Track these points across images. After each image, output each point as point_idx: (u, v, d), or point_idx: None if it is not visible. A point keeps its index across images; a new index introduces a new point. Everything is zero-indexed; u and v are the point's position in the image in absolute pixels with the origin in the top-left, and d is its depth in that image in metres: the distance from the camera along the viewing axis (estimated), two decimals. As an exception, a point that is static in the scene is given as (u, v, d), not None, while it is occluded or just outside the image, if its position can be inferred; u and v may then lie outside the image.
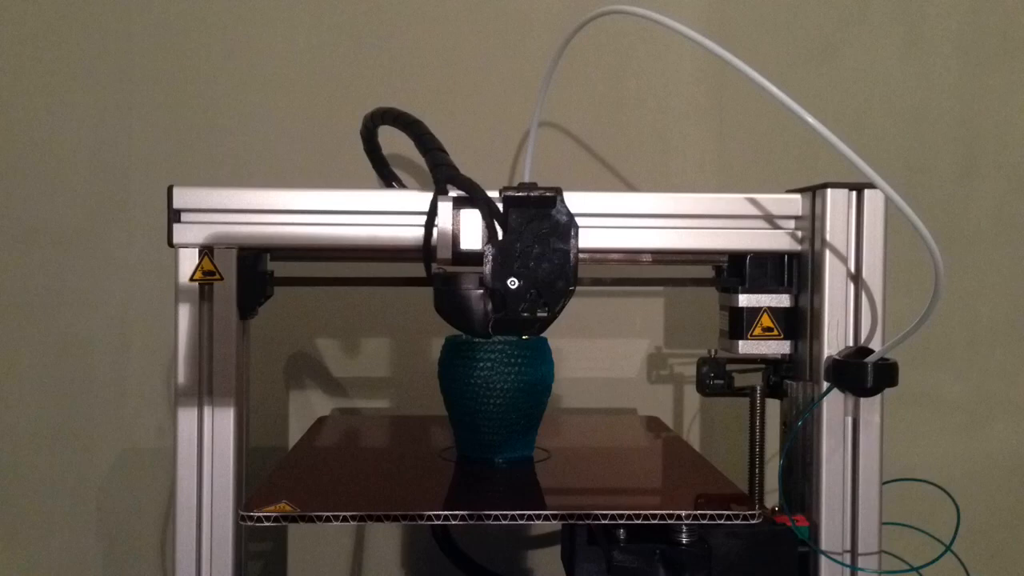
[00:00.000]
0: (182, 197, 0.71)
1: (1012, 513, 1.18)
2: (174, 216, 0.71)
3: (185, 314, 0.72)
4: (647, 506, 0.67)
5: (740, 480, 0.78)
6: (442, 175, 0.68)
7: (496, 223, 0.66)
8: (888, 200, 0.66)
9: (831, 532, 0.72)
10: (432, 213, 0.68)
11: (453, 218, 0.68)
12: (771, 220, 0.75)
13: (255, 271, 0.76)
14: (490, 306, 0.66)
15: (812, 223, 0.74)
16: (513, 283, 0.66)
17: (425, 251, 0.69)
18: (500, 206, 0.67)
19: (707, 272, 0.83)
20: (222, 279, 0.71)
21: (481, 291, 0.66)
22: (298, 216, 0.72)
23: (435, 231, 0.68)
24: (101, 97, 1.10)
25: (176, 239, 0.71)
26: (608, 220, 0.74)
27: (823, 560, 0.71)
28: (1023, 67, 1.16)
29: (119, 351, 1.11)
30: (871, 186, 0.71)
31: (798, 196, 0.75)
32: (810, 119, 0.64)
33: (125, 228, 1.11)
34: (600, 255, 0.78)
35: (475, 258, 0.67)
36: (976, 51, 1.16)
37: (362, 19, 1.12)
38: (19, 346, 1.11)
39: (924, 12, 1.16)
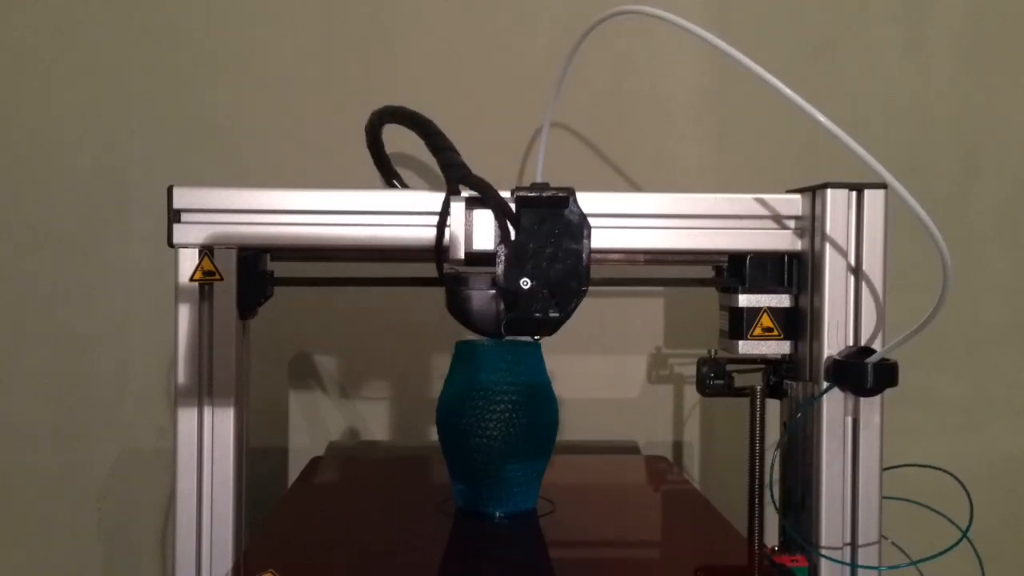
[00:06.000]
0: (182, 197, 0.71)
1: (1011, 513, 1.17)
2: (174, 216, 0.71)
3: (185, 314, 0.72)
4: None
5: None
6: (454, 175, 0.67)
7: (508, 223, 0.66)
8: (896, 200, 0.65)
9: (831, 531, 0.72)
10: (444, 213, 0.68)
11: (466, 218, 0.68)
12: (771, 220, 0.75)
13: (255, 271, 0.76)
14: (502, 306, 0.66)
15: (812, 223, 0.74)
16: (526, 283, 0.66)
17: (437, 251, 0.68)
18: (512, 206, 0.67)
19: (707, 272, 0.83)
20: (222, 279, 0.71)
21: (493, 291, 0.66)
22: (298, 216, 0.72)
23: (447, 231, 0.68)
24: (101, 98, 1.10)
25: (176, 239, 0.71)
26: (609, 220, 0.74)
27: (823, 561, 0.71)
28: (1023, 67, 1.16)
29: (119, 351, 1.11)
30: (871, 186, 0.72)
31: (798, 196, 0.75)
32: (823, 119, 0.64)
33: (125, 229, 1.11)
34: (601, 255, 0.78)
35: (487, 258, 0.67)
36: (976, 51, 1.16)
37: (367, 18, 1.12)
38: (19, 346, 1.11)
39: (924, 12, 1.15)
